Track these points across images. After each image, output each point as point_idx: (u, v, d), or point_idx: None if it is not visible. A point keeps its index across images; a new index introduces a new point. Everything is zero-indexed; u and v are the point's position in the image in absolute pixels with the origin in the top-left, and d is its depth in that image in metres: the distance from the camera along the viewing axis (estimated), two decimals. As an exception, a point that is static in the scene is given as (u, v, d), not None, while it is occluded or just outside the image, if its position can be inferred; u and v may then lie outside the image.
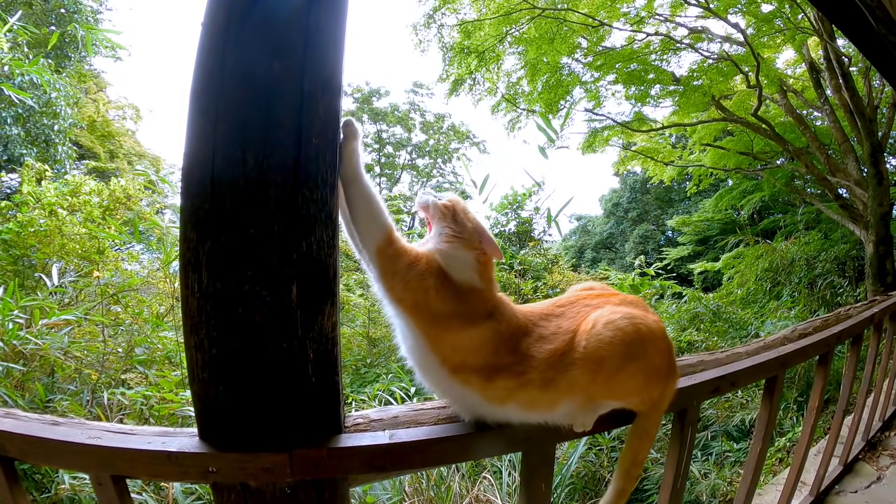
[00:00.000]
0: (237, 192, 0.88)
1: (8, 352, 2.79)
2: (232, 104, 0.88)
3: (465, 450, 1.03)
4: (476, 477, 3.05)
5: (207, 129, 0.88)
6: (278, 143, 0.89)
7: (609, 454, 3.71)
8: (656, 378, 1.06)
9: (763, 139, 10.24)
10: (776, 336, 2.11)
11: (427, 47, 10.80)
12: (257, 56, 0.88)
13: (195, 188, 0.89)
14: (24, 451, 1.00)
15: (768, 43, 9.27)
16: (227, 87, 0.88)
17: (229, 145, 0.88)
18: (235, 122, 0.88)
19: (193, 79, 0.90)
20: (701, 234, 17.10)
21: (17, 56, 4.25)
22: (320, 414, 0.96)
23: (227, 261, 0.88)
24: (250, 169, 0.88)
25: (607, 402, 1.06)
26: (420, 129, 25.64)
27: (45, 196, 4.27)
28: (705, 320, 6.77)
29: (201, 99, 0.89)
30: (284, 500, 0.96)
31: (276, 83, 0.89)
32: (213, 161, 0.88)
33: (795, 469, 2.26)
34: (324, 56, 0.92)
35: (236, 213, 0.88)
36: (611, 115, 11.41)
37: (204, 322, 0.90)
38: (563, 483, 3.27)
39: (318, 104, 0.91)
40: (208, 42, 0.89)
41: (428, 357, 0.98)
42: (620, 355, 0.98)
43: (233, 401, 0.92)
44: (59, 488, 2.36)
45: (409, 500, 2.77)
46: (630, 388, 1.04)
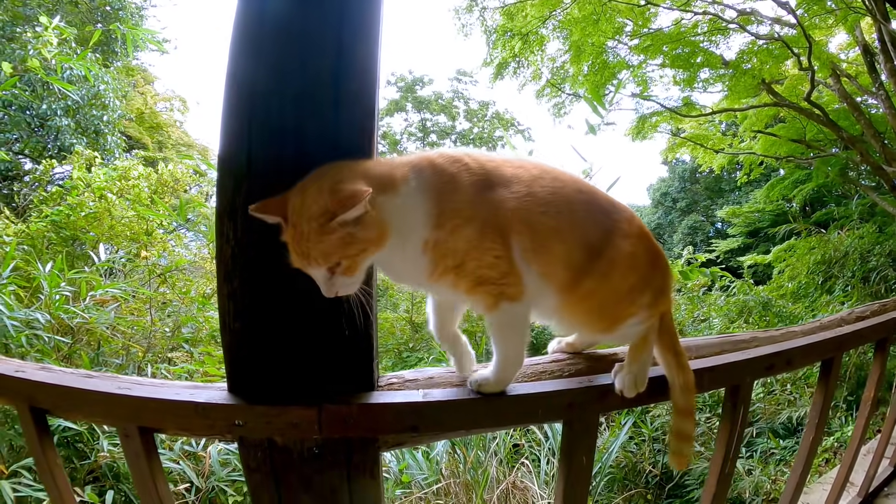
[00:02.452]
0: (274, 140, 0.87)
1: (55, 324, 2.91)
2: (270, 54, 0.87)
3: (502, 413, 0.98)
4: (514, 463, 3.01)
5: (246, 81, 0.87)
6: (315, 89, 0.87)
7: (651, 445, 3.59)
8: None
9: (816, 126, 9.71)
10: (833, 317, 2.00)
11: (470, 31, 10.75)
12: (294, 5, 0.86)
13: (232, 136, 0.88)
14: (56, 402, 1.01)
15: (819, 24, 8.81)
16: (266, 37, 0.87)
17: (267, 94, 0.87)
18: (273, 71, 0.87)
19: (233, 29, 0.88)
20: (751, 226, 16.38)
21: (65, 51, 4.45)
22: (353, 369, 0.93)
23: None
24: (288, 116, 0.86)
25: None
26: (464, 117, 25.43)
27: (95, 181, 4.45)
28: (754, 313, 6.48)
29: (241, 45, 0.88)
30: (312, 460, 0.93)
31: (312, 31, 0.87)
32: (252, 109, 0.87)
33: (846, 466, 2.11)
34: (360, 8, 0.89)
35: (273, 161, 0.87)
36: (659, 99, 11.09)
37: (238, 271, 0.89)
38: (602, 472, 3.19)
39: (354, 53, 0.88)
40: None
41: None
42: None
43: (264, 352, 0.90)
44: (98, 456, 2.46)
45: (445, 482, 2.75)
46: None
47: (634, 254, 0.99)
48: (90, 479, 2.55)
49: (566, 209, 0.94)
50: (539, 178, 0.94)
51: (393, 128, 24.67)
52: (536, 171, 0.96)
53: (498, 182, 0.90)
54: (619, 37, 9.87)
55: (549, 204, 0.92)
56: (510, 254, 0.89)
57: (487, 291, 0.89)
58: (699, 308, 6.90)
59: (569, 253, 0.94)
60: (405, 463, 2.82)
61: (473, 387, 0.96)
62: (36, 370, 1.08)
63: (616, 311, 1.00)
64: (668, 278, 1.07)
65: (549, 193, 0.93)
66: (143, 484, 1.00)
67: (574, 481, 1.03)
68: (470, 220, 0.86)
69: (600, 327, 1.03)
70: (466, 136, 25.31)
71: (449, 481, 2.76)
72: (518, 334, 0.94)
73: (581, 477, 1.04)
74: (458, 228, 0.86)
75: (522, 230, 0.90)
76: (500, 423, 1.32)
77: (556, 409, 1.00)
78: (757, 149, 11.09)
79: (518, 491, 2.84)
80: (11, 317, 2.59)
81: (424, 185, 0.86)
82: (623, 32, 9.82)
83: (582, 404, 1.01)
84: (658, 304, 1.04)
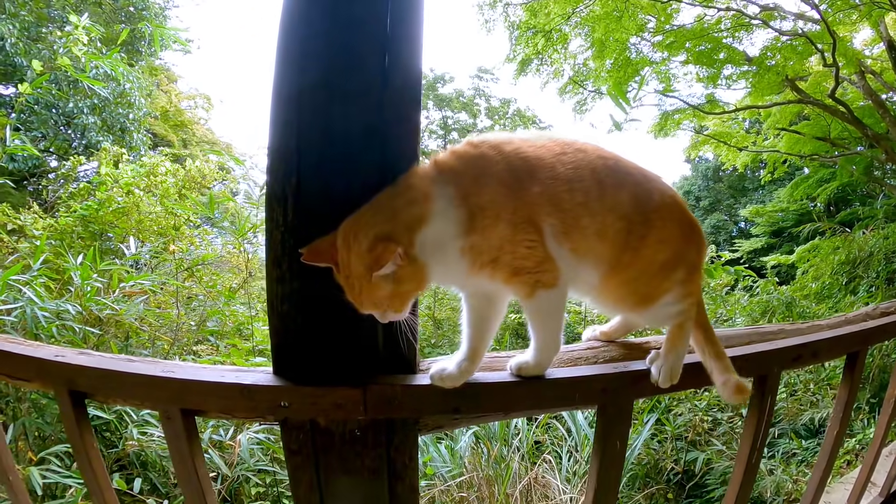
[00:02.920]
0: (324, 127, 0.89)
1: (85, 316, 2.99)
2: (318, 46, 0.89)
3: (539, 396, 1.00)
4: (536, 459, 3.02)
5: (294, 71, 0.90)
6: (363, 80, 0.89)
7: (674, 442, 3.57)
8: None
9: (841, 123, 9.53)
10: (858, 312, 1.99)
11: (493, 27, 10.77)
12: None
13: (282, 124, 0.91)
14: (95, 385, 1.04)
15: (843, 20, 8.63)
16: (311, 35, 0.89)
17: (315, 83, 0.89)
18: (321, 62, 0.89)
19: (280, 28, 0.91)
20: (775, 226, 16.15)
21: (91, 51, 4.56)
22: (395, 352, 0.96)
23: (311, 195, 0.90)
24: (336, 104, 0.89)
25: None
26: (485, 114, 25.37)
27: (123, 177, 4.55)
28: (778, 313, 6.39)
29: (288, 44, 0.90)
30: (353, 442, 0.96)
31: (358, 27, 0.89)
32: (300, 97, 0.89)
33: (868, 465, 2.08)
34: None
35: (323, 147, 0.89)
36: (682, 96, 10.98)
37: (287, 255, 0.91)
38: (624, 468, 3.18)
39: (401, 43, 0.91)
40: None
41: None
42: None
43: (310, 335, 0.93)
44: (126, 444, 2.52)
45: (468, 475, 2.78)
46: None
47: (666, 226, 0.99)
48: (117, 467, 2.61)
49: (592, 179, 0.94)
50: (562, 155, 0.94)
51: (415, 125, 25.02)
52: (558, 147, 0.95)
53: (520, 168, 0.91)
54: (642, 33, 9.80)
55: (574, 180, 0.92)
56: (543, 239, 0.90)
57: (524, 281, 0.91)
58: (722, 307, 6.82)
59: (602, 224, 0.94)
60: (429, 455, 2.86)
61: (514, 370, 0.98)
62: (75, 355, 1.12)
63: (650, 287, 1.00)
64: (702, 253, 1.06)
65: (573, 169, 0.93)
66: (183, 464, 1.03)
67: (608, 465, 1.04)
68: (499, 216, 0.88)
69: (634, 302, 1.03)
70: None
71: (472, 474, 2.78)
72: (555, 320, 0.96)
73: (615, 461, 1.05)
74: (489, 227, 0.88)
75: (551, 211, 0.91)
76: (538, 406, 1.33)
77: (590, 393, 1.02)
78: (781, 147, 10.95)
79: (539, 486, 2.85)
80: (42, 307, 2.65)
81: (450, 196, 0.87)
82: (646, 29, 9.74)
83: (616, 389, 1.02)
84: (692, 280, 1.03)
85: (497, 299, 1.00)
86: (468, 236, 0.87)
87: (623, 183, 0.97)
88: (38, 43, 8.50)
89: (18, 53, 7.92)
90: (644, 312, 1.05)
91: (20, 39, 8.08)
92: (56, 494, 2.38)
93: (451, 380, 0.93)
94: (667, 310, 1.03)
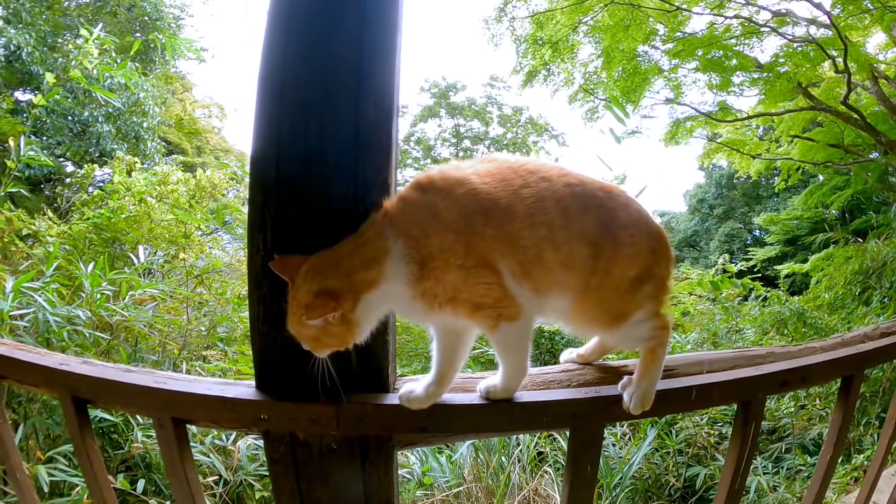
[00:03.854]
0: (300, 160, 0.94)
1: (96, 321, 3.07)
2: (295, 80, 0.94)
3: (506, 419, 1.03)
4: (536, 470, 3.02)
5: (274, 104, 0.95)
6: (337, 114, 0.94)
7: (675, 458, 3.53)
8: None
9: (854, 130, 9.41)
10: (856, 333, 1.92)
11: (500, 41, 10.91)
12: (316, 36, 0.94)
13: (262, 156, 0.96)
14: (96, 393, 1.12)
15: (855, 24, 8.56)
16: (289, 65, 0.95)
17: (293, 118, 0.94)
18: (298, 96, 0.94)
19: (261, 57, 0.97)
20: (789, 234, 15.88)
21: (105, 61, 4.69)
22: (369, 372, 1.00)
23: (289, 224, 0.95)
24: (312, 140, 0.94)
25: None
26: (497, 122, 25.35)
27: (135, 185, 4.67)
28: (789, 324, 6.29)
29: (268, 76, 0.96)
30: (330, 454, 1.01)
31: (333, 60, 0.94)
32: (279, 132, 0.95)
33: (868, 486, 2.04)
34: (379, 35, 0.96)
35: (299, 180, 0.94)
36: (693, 104, 10.97)
37: (266, 278, 0.96)
38: (623, 484, 3.16)
39: (374, 79, 0.95)
40: (273, 25, 0.96)
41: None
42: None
43: (288, 353, 0.97)
44: (132, 446, 2.59)
45: (467, 485, 2.79)
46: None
47: (634, 243, 0.99)
48: (122, 468, 2.68)
49: (556, 210, 0.93)
50: (523, 188, 0.93)
51: (427, 133, 24.78)
52: (519, 179, 0.94)
53: (473, 210, 0.90)
54: (652, 41, 9.78)
55: (536, 213, 0.92)
56: (501, 279, 0.91)
57: (486, 315, 0.92)
58: (733, 318, 6.73)
59: (568, 254, 0.94)
60: (428, 465, 2.88)
61: (483, 393, 1.01)
62: (79, 364, 1.19)
63: (622, 305, 1.00)
64: (669, 265, 1.06)
65: (534, 202, 0.92)
66: (174, 469, 1.09)
67: (579, 488, 1.06)
68: (448, 263, 0.89)
69: (607, 322, 1.03)
70: (500, 141, 25.18)
71: (471, 485, 2.79)
72: (520, 349, 0.98)
73: (585, 486, 1.07)
74: (440, 275, 0.89)
75: (506, 253, 0.91)
76: (506, 429, 1.36)
77: (560, 417, 1.04)
78: (794, 154, 10.84)
79: (540, 498, 2.84)
80: (54, 313, 2.73)
81: (400, 250, 0.89)
82: (655, 37, 9.72)
83: (586, 414, 1.04)
84: (661, 294, 1.04)
85: (464, 332, 1.01)
86: (419, 284, 0.89)
87: (588, 207, 0.97)
88: (55, 52, 8.74)
89: (35, 62, 8.17)
90: (617, 331, 1.04)
91: (36, 48, 8.32)
92: (63, 492, 2.45)
93: (418, 402, 0.96)
94: (639, 328, 1.03)
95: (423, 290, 0.90)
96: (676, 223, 24.93)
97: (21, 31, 8.14)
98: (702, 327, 6.78)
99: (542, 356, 5.44)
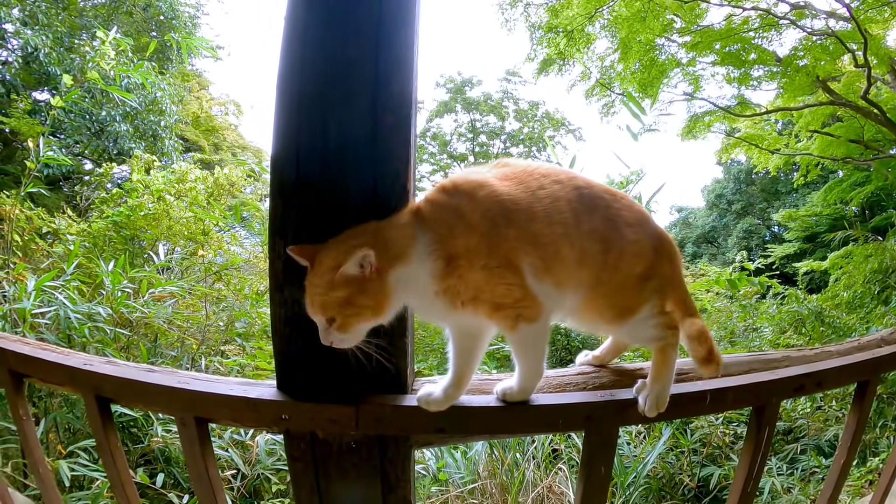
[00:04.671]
0: (319, 167, 0.97)
1: (116, 318, 3.14)
2: (314, 87, 0.96)
3: (522, 422, 1.05)
4: (551, 467, 3.03)
5: (293, 111, 0.97)
6: (355, 120, 0.96)
7: (690, 457, 3.52)
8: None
9: (874, 125, 9.21)
10: (873, 337, 1.88)
11: (513, 27, 10.81)
12: (334, 43, 0.96)
13: (283, 162, 0.98)
14: (119, 392, 1.15)
15: (875, 17, 8.36)
16: (308, 71, 0.96)
17: (312, 124, 0.96)
18: (317, 103, 0.96)
19: (279, 65, 0.98)
20: (808, 231, 15.62)
21: (122, 61, 4.76)
22: (388, 374, 1.02)
23: (309, 228, 0.97)
24: (331, 145, 0.96)
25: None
26: (514, 117, 25.19)
27: (154, 183, 4.75)
28: (807, 323, 6.21)
29: (286, 83, 0.98)
30: (349, 453, 1.04)
31: (351, 66, 0.95)
32: (299, 138, 0.97)
33: (881, 490, 2.01)
34: (396, 40, 0.97)
35: (318, 186, 0.96)
36: (711, 98, 10.84)
37: (287, 282, 0.99)
38: (637, 483, 3.16)
39: (391, 84, 0.97)
40: (291, 32, 0.97)
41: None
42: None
43: (309, 355, 1.00)
44: (151, 440, 2.65)
45: (482, 482, 2.81)
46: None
47: (639, 240, 1.04)
48: (142, 461, 2.74)
49: (569, 210, 0.98)
50: (539, 190, 0.98)
51: (443, 129, 24.68)
52: (535, 182, 0.99)
53: (495, 212, 0.94)
54: (669, 34, 9.65)
55: (552, 213, 0.96)
56: (522, 279, 0.94)
57: (506, 315, 0.95)
58: (751, 316, 6.66)
59: (581, 251, 0.98)
60: (443, 462, 2.91)
61: (499, 395, 1.03)
62: (102, 363, 1.23)
63: (628, 300, 1.04)
64: (674, 265, 1.10)
65: (550, 202, 0.97)
66: (196, 467, 1.12)
67: (592, 491, 1.08)
68: (472, 263, 0.92)
69: (615, 316, 1.06)
70: (516, 136, 25.04)
71: (485, 482, 2.81)
72: (537, 350, 1.00)
73: (599, 487, 1.08)
74: (464, 273, 0.92)
75: (529, 251, 0.94)
76: (521, 430, 1.38)
77: (575, 420, 1.06)
78: (813, 149, 10.65)
79: (554, 495, 2.84)
80: (75, 310, 2.80)
81: (427, 243, 0.91)
82: (672, 29, 9.60)
83: (601, 417, 1.05)
84: (666, 291, 1.08)
85: (480, 333, 1.03)
86: (444, 281, 0.92)
87: (596, 207, 1.02)
88: (71, 52, 8.88)
89: (52, 63, 8.29)
90: (625, 325, 1.07)
91: (53, 49, 8.45)
92: (83, 486, 2.52)
93: (437, 404, 0.98)
94: (646, 325, 1.06)
95: (446, 287, 0.92)
96: (694, 219, 24.63)
97: (38, 32, 8.26)
98: (719, 325, 6.72)
99: (559, 353, 5.46)
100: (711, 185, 24.31)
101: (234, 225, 4.97)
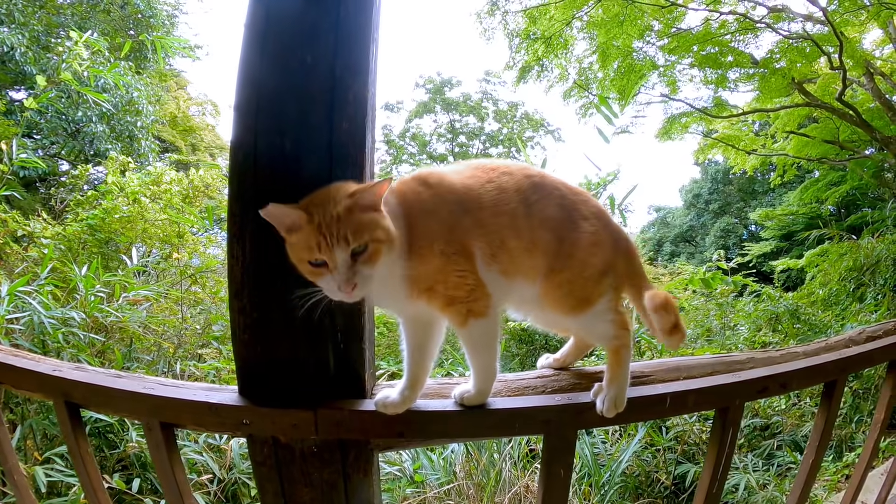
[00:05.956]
0: (276, 174, 0.97)
1: (90, 322, 3.10)
2: (270, 94, 0.97)
3: (479, 425, 1.06)
4: (529, 467, 3.05)
5: (250, 118, 0.98)
6: (312, 127, 0.96)
7: (665, 455, 3.56)
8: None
9: (849, 126, 9.41)
10: (840, 337, 1.90)
11: (492, 35, 10.76)
12: (291, 50, 0.96)
13: (240, 169, 0.99)
14: (88, 397, 1.15)
15: (851, 21, 8.53)
16: (265, 79, 0.97)
17: (269, 131, 0.97)
18: (274, 110, 0.97)
19: (238, 72, 0.99)
20: (785, 229, 15.88)
21: (98, 61, 4.68)
22: (347, 378, 1.03)
23: (267, 235, 0.95)
24: (288, 152, 0.96)
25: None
26: (493, 118, 25.33)
27: (129, 185, 4.68)
28: (783, 321, 6.33)
29: (244, 90, 0.98)
30: (311, 457, 1.05)
31: (308, 74, 0.96)
32: (256, 146, 0.97)
33: (853, 487, 2.05)
34: (353, 47, 0.98)
35: (275, 193, 0.94)
36: (689, 100, 10.94)
37: (246, 289, 0.99)
38: (612, 481, 3.19)
39: (347, 90, 0.97)
40: (249, 39, 0.98)
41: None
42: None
43: (268, 361, 1.01)
44: (127, 446, 2.62)
45: (458, 482, 2.82)
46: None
47: (596, 232, 1.06)
48: (119, 467, 2.69)
49: (517, 200, 1.01)
50: (487, 182, 1.02)
51: (423, 129, 24.70)
52: (485, 174, 1.04)
53: (453, 202, 0.99)
54: (647, 36, 9.74)
55: (499, 203, 1.00)
56: (474, 267, 0.98)
57: (457, 310, 0.98)
58: (727, 314, 6.77)
59: (531, 241, 1.01)
60: (419, 463, 2.91)
61: (457, 399, 1.04)
62: (71, 370, 1.22)
63: (585, 290, 1.05)
64: (631, 261, 1.12)
65: (497, 193, 1.01)
66: (164, 471, 1.13)
67: (553, 493, 1.10)
68: (432, 247, 0.96)
69: (572, 306, 1.06)
70: (496, 136, 25.14)
71: (461, 482, 2.82)
72: (489, 348, 1.02)
73: (558, 489, 1.10)
74: (424, 256, 0.95)
75: (478, 235, 0.99)
76: (479, 434, 1.39)
77: (533, 423, 1.07)
78: (789, 150, 10.83)
79: (531, 494, 2.86)
80: (49, 315, 2.76)
81: (401, 220, 0.95)
82: (651, 32, 9.68)
83: (559, 421, 1.07)
84: (622, 288, 1.10)
85: (433, 327, 1.06)
86: (408, 261, 0.95)
87: (550, 196, 1.05)
88: (48, 51, 8.70)
89: (28, 62, 8.13)
90: (582, 317, 1.07)
91: (30, 48, 8.28)
92: (60, 492, 2.48)
93: (394, 407, 1.00)
94: (602, 320, 1.07)
95: (409, 268, 0.95)
96: (672, 218, 24.94)
97: (14, 30, 8.10)
98: (696, 323, 6.83)
99: (537, 352, 5.49)
100: (689, 184, 24.68)
101: (210, 227, 4.93)
